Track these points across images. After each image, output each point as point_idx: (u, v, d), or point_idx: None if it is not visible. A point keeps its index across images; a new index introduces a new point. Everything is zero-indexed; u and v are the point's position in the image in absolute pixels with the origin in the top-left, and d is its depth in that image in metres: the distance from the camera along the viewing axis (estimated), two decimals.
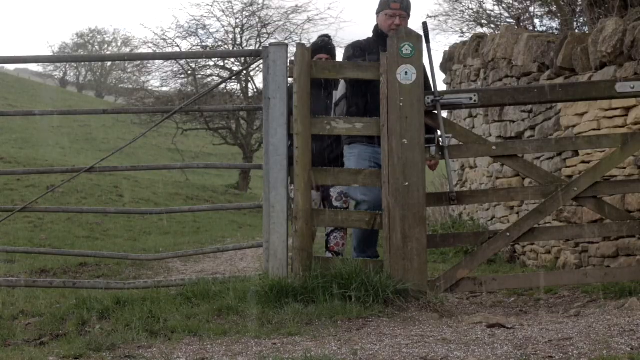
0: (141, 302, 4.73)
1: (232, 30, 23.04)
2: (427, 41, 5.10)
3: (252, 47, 21.82)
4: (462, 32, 17.00)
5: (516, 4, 12.70)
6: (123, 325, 4.32)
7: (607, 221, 5.34)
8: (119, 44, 48.66)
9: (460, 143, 5.31)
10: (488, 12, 14.23)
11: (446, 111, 5.91)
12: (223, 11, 27.39)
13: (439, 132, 5.17)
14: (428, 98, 5.05)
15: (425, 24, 5.15)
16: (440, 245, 6.06)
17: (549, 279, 5.51)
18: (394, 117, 4.94)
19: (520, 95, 5.33)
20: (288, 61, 5.13)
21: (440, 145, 5.12)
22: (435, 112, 5.09)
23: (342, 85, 5.76)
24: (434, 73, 5.28)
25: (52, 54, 46.77)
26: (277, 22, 22.99)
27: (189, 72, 22.97)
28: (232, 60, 22.28)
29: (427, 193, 5.01)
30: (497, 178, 8.24)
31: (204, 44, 23.35)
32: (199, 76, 23.14)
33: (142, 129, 21.19)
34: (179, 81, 23.74)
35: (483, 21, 14.19)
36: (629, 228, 5.19)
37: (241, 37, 23.00)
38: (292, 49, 5.54)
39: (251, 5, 22.70)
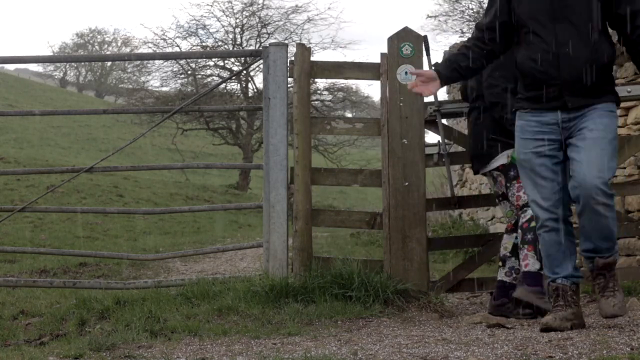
0: (141, 302, 4.73)
1: (232, 30, 23.09)
2: (428, 54, 5.08)
3: (252, 47, 21.84)
4: (462, 32, 17.03)
5: None
6: (123, 325, 4.32)
7: None
8: (119, 44, 48.72)
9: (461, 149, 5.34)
10: None
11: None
12: (223, 11, 27.43)
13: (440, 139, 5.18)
14: (430, 108, 5.08)
15: (425, 38, 5.12)
16: (441, 248, 6.07)
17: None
18: (394, 117, 4.94)
19: None
20: (288, 61, 5.13)
21: (441, 153, 5.12)
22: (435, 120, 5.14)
23: None
24: None
25: (52, 54, 46.79)
26: (277, 22, 23.04)
27: (189, 72, 23.00)
28: (232, 60, 22.31)
29: (430, 198, 5.03)
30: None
31: (204, 44, 23.40)
32: (199, 76, 23.18)
33: (142, 129, 21.22)
34: (179, 81, 23.80)
35: None
36: (626, 229, 5.21)
37: (241, 37, 23.04)
38: (292, 49, 5.53)
39: (251, 5, 22.74)
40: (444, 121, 5.23)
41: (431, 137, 16.65)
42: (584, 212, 3.87)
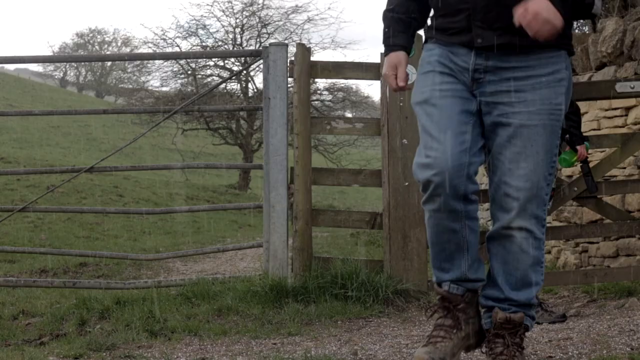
0: (141, 302, 4.73)
1: (232, 30, 23.05)
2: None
3: (252, 47, 21.83)
4: None
5: None
6: (123, 325, 4.32)
7: (607, 221, 5.34)
8: (119, 44, 48.73)
9: None
10: None
11: None
12: (223, 11, 27.40)
13: None
14: None
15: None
16: None
17: (549, 279, 5.51)
18: (394, 117, 4.94)
19: None
20: (288, 61, 5.13)
21: None
22: None
23: None
24: None
25: (52, 54, 46.79)
26: (277, 22, 23.00)
27: (189, 72, 22.97)
28: (232, 60, 22.28)
29: None
30: None
31: (204, 44, 23.37)
32: (199, 76, 23.15)
33: (142, 129, 21.20)
34: (179, 81, 23.76)
35: None
36: (629, 228, 5.19)
37: (241, 37, 23.01)
38: (292, 49, 5.53)
39: (251, 5, 22.71)
40: None
41: None
42: (494, 238, 2.79)
